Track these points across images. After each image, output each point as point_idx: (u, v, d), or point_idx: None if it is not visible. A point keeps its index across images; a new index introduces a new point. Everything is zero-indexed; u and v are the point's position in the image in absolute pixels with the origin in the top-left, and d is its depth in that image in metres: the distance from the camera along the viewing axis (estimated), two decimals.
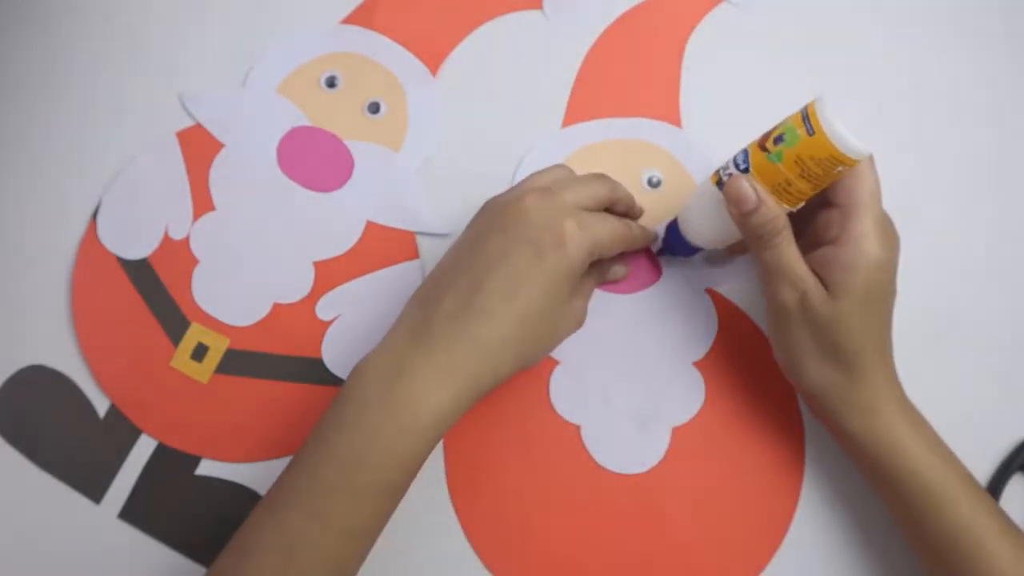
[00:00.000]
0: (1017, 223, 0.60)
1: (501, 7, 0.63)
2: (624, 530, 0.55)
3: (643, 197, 0.59)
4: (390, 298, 0.58)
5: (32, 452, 0.56)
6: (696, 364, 0.57)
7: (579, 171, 0.54)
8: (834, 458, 0.56)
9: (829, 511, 0.55)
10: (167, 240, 0.59)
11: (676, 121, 0.61)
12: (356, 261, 0.59)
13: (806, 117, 0.46)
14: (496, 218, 0.49)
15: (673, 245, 0.56)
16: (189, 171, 0.60)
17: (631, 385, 0.57)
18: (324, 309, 0.58)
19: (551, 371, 0.57)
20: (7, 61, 0.63)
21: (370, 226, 0.59)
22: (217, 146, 0.61)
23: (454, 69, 0.62)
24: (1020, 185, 0.61)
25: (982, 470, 0.56)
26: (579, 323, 0.52)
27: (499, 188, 0.59)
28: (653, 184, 0.60)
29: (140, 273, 0.59)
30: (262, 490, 0.56)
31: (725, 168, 0.50)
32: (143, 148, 0.60)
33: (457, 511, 0.55)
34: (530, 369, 0.56)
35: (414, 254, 0.59)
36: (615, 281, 0.57)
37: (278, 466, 0.56)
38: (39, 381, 0.57)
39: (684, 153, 0.60)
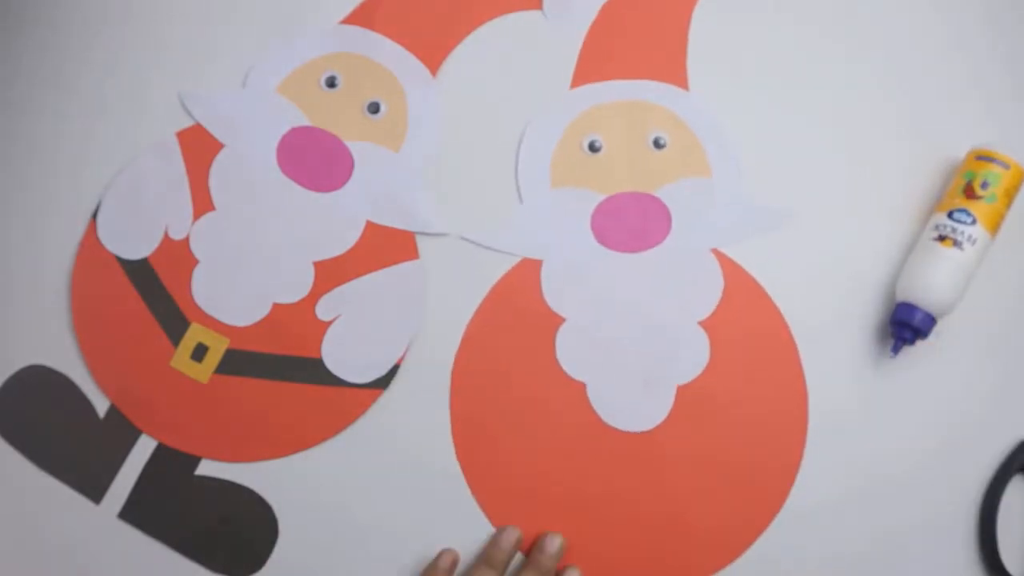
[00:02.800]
0: (1015, 216, 0.60)
1: (501, 7, 0.63)
2: (628, 486, 0.56)
3: (649, 158, 0.60)
4: (390, 298, 0.58)
5: (32, 452, 0.56)
6: (702, 323, 0.58)
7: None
8: (838, 420, 0.56)
9: (832, 472, 0.56)
10: (167, 240, 0.59)
11: (683, 84, 0.62)
12: (356, 261, 0.59)
13: (990, 158, 0.56)
14: None
15: (910, 329, 0.55)
16: (189, 171, 0.60)
17: (637, 343, 0.57)
18: (324, 309, 0.58)
19: (557, 328, 0.57)
20: (5, 62, 0.63)
21: (370, 226, 0.59)
22: (217, 146, 0.61)
23: (454, 69, 0.62)
24: None
25: (982, 470, 0.56)
26: None
27: (499, 186, 0.60)
28: (660, 145, 0.60)
29: (140, 273, 0.59)
30: (262, 490, 0.56)
31: (944, 226, 0.55)
32: (143, 148, 0.60)
33: (462, 465, 0.56)
34: (536, 326, 0.57)
35: (414, 254, 0.59)
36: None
37: (278, 466, 0.56)
38: (39, 381, 0.57)
39: (691, 115, 0.61)
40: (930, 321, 0.55)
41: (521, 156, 0.60)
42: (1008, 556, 0.54)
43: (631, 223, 0.59)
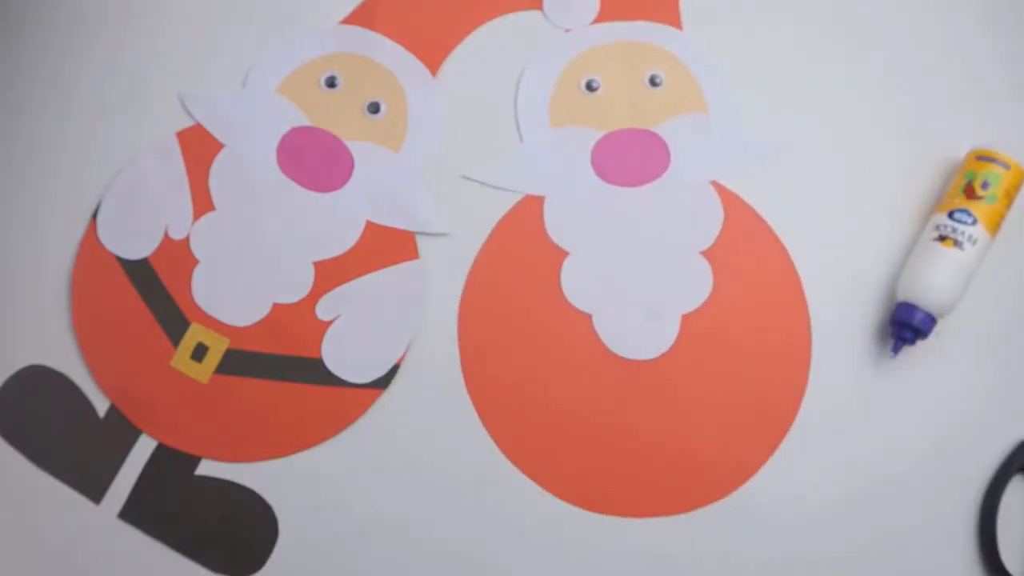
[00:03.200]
0: (1015, 216, 0.60)
1: (501, 7, 0.63)
2: (636, 413, 0.57)
3: (646, 96, 0.61)
4: (390, 298, 0.58)
5: (32, 452, 0.56)
6: (703, 253, 0.58)
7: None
8: (838, 419, 0.56)
9: (832, 472, 0.56)
10: (167, 240, 0.59)
11: (676, 24, 0.62)
12: (356, 261, 0.59)
13: (990, 159, 0.55)
14: None
15: (910, 329, 0.55)
16: (189, 171, 0.60)
17: (639, 273, 0.58)
18: (324, 309, 0.58)
19: (561, 263, 0.58)
20: (5, 62, 0.63)
21: (370, 226, 0.59)
22: (217, 146, 0.61)
23: (454, 69, 0.62)
24: None
25: (982, 470, 0.56)
26: None
27: (500, 127, 0.61)
28: (656, 83, 0.61)
29: (140, 273, 0.59)
30: (262, 490, 0.56)
31: (944, 226, 0.55)
32: (143, 148, 0.61)
33: (472, 398, 0.57)
34: (541, 261, 0.58)
35: (414, 254, 0.59)
36: None
37: (278, 466, 0.56)
38: (39, 381, 0.57)
39: (686, 54, 0.62)
40: (930, 321, 0.55)
41: (520, 97, 0.61)
42: (1008, 556, 0.54)
43: (630, 158, 0.60)
